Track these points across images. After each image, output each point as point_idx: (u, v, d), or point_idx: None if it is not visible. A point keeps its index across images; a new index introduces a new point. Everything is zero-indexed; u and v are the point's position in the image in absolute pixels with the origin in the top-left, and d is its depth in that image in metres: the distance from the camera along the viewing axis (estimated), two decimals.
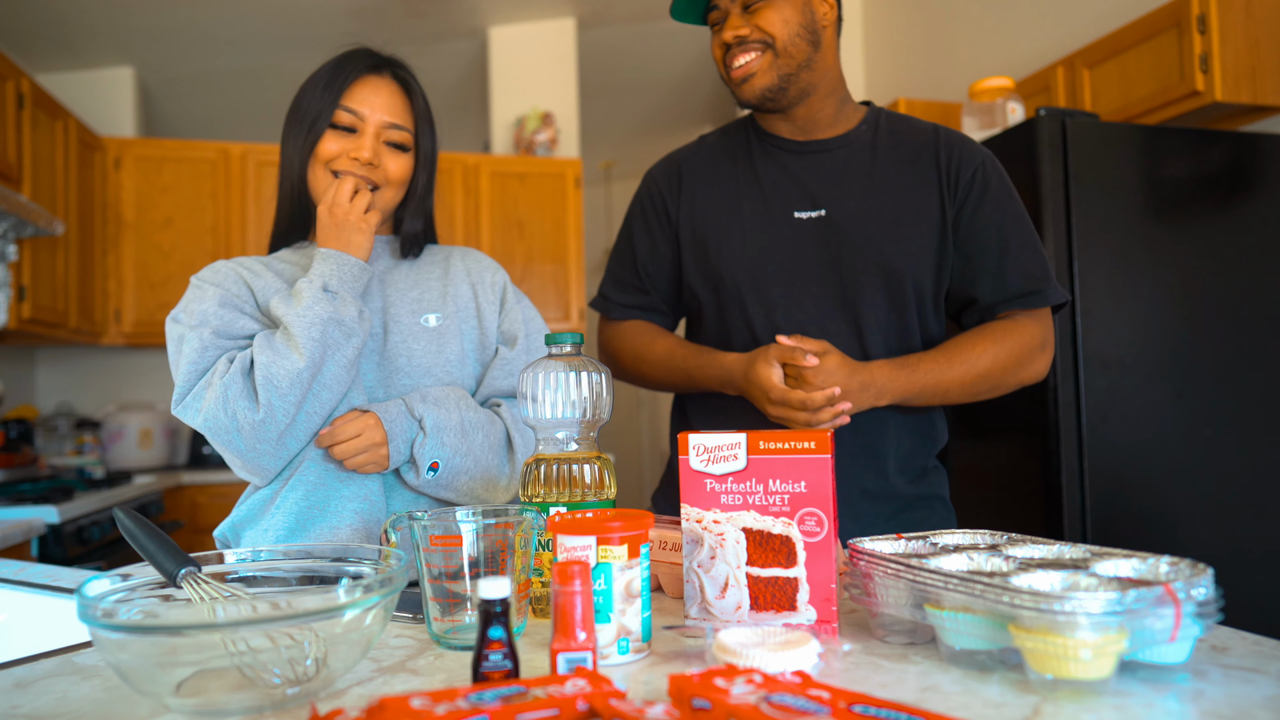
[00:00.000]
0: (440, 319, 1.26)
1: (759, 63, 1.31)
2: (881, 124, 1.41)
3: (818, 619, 0.82)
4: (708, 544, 0.84)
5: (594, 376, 0.99)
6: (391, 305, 1.26)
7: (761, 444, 0.84)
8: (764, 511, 0.83)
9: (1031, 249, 1.35)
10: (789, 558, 0.82)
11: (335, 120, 1.23)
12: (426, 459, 1.15)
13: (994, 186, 1.35)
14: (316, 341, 1.09)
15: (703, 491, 0.85)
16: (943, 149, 1.36)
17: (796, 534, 0.82)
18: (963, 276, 1.35)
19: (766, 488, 0.83)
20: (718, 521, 0.84)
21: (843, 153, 1.38)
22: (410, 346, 1.23)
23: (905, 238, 1.33)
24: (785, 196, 1.37)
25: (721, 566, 0.84)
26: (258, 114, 4.98)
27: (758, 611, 0.83)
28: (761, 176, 1.40)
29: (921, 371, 1.27)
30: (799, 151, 1.39)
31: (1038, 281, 1.34)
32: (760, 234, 1.36)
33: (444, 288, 1.29)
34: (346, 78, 1.23)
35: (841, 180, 1.36)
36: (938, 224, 1.34)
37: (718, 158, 1.45)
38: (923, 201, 1.34)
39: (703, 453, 0.85)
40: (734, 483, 0.84)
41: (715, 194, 1.42)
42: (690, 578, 0.85)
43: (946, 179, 1.35)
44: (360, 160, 1.22)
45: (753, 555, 0.83)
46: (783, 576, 0.82)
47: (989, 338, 1.32)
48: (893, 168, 1.36)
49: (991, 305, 1.35)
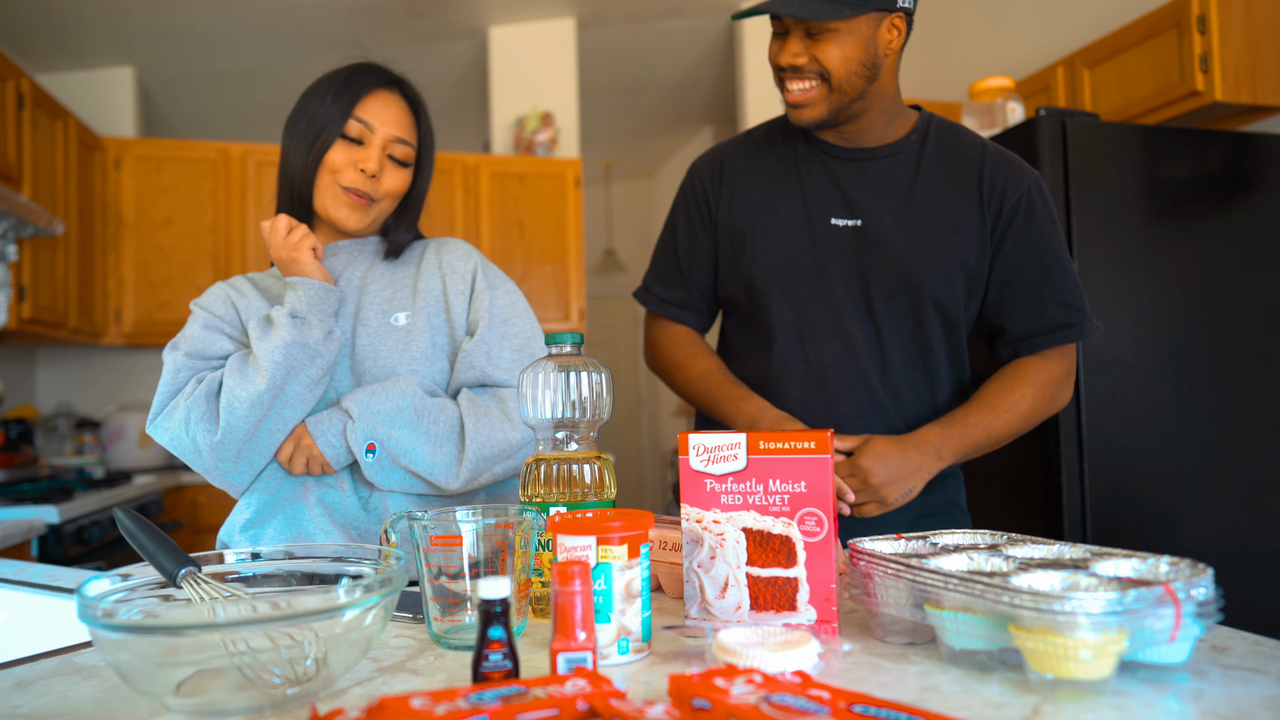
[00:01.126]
0: (409, 316, 1.28)
1: (813, 94, 1.27)
2: (931, 134, 1.37)
3: (818, 619, 0.82)
4: (708, 544, 0.84)
5: (594, 376, 0.99)
6: (363, 309, 1.28)
7: (761, 444, 0.84)
8: (764, 511, 0.83)
9: (1070, 281, 1.33)
10: (789, 558, 0.82)
11: (345, 131, 1.26)
12: (360, 442, 1.18)
13: (1038, 214, 1.32)
14: (279, 365, 1.15)
15: (703, 491, 0.85)
16: (988, 169, 1.33)
17: (796, 534, 0.82)
18: (999, 303, 1.34)
19: (766, 488, 0.83)
20: (718, 521, 0.84)
21: (887, 163, 1.35)
22: (377, 347, 1.25)
23: (937, 257, 1.31)
24: (825, 202, 1.35)
25: (721, 566, 0.84)
26: (258, 114, 4.98)
27: (758, 611, 0.83)
28: (804, 178, 1.38)
29: (972, 426, 1.27)
30: (844, 158, 1.37)
31: (1075, 315, 1.32)
32: (794, 238, 1.35)
33: (415, 284, 1.31)
34: (359, 90, 1.26)
35: (883, 191, 1.34)
36: (975, 246, 1.32)
37: (762, 154, 1.43)
38: (961, 221, 1.32)
39: (703, 452, 0.85)
40: (734, 483, 0.84)
41: (755, 191, 1.41)
42: (690, 578, 0.85)
43: (989, 202, 1.32)
44: (366, 172, 1.25)
45: (753, 555, 0.83)
46: (783, 576, 0.83)
47: (1024, 380, 1.31)
48: (935, 183, 1.33)
49: (1028, 336, 1.33)
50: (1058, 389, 1.34)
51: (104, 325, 3.79)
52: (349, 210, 1.28)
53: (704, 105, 5.61)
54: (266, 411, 1.16)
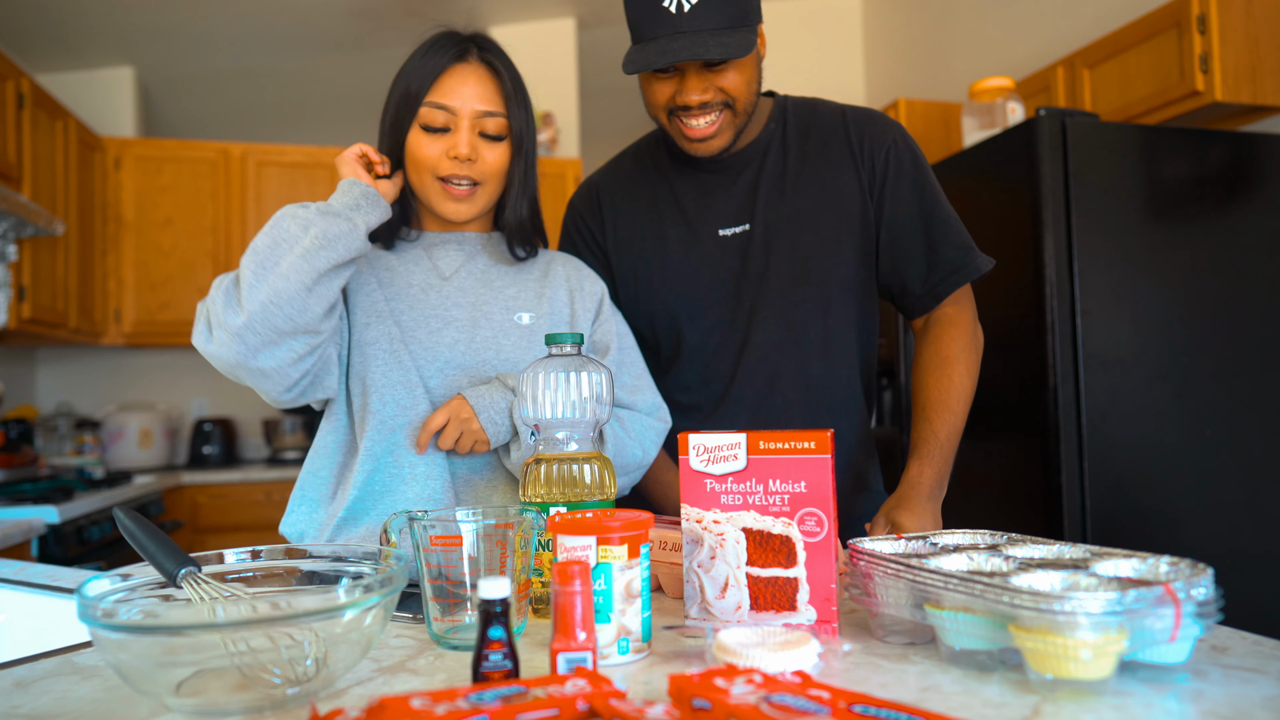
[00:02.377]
0: (533, 318, 1.25)
1: (719, 123, 1.26)
2: (789, 116, 1.37)
3: (818, 619, 0.82)
4: (708, 544, 0.84)
5: (594, 376, 0.99)
6: (485, 301, 1.24)
7: (761, 444, 0.84)
8: (764, 511, 0.83)
9: (955, 222, 1.34)
10: (789, 558, 0.83)
11: (427, 122, 1.20)
12: (529, 423, 1.10)
13: (907, 164, 1.33)
14: (268, 233, 1.07)
15: (703, 491, 0.85)
16: (853, 133, 1.34)
17: (796, 534, 0.83)
18: (894, 259, 1.34)
19: (766, 488, 0.83)
20: (718, 521, 0.84)
21: (756, 160, 1.35)
22: (500, 342, 1.22)
23: (828, 237, 1.32)
24: (708, 216, 1.35)
25: (721, 566, 0.84)
26: (258, 114, 4.98)
27: (758, 611, 0.83)
28: (681, 199, 1.37)
29: (944, 439, 1.27)
30: (714, 169, 1.36)
31: (967, 254, 1.33)
32: (687, 257, 1.35)
33: (541, 289, 1.28)
34: (431, 72, 1.20)
35: (759, 189, 1.34)
36: (858, 212, 1.33)
37: (635, 181, 1.43)
38: (841, 191, 1.33)
39: (703, 453, 0.85)
40: (734, 483, 0.84)
41: (638, 222, 1.40)
42: (690, 578, 0.86)
43: (861, 163, 1.33)
44: (460, 158, 1.19)
45: (753, 555, 0.83)
46: (783, 576, 0.83)
47: (949, 360, 1.31)
48: (806, 163, 1.34)
49: (931, 286, 1.33)
50: (976, 343, 1.35)
51: (104, 325, 3.79)
52: (454, 203, 1.22)
53: None
54: (260, 277, 1.05)
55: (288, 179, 4.03)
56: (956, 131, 3.18)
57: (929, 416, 1.29)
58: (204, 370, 4.32)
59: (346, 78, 4.58)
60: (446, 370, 1.20)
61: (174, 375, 4.23)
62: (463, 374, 1.20)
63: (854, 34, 4.16)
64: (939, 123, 3.24)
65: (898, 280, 1.36)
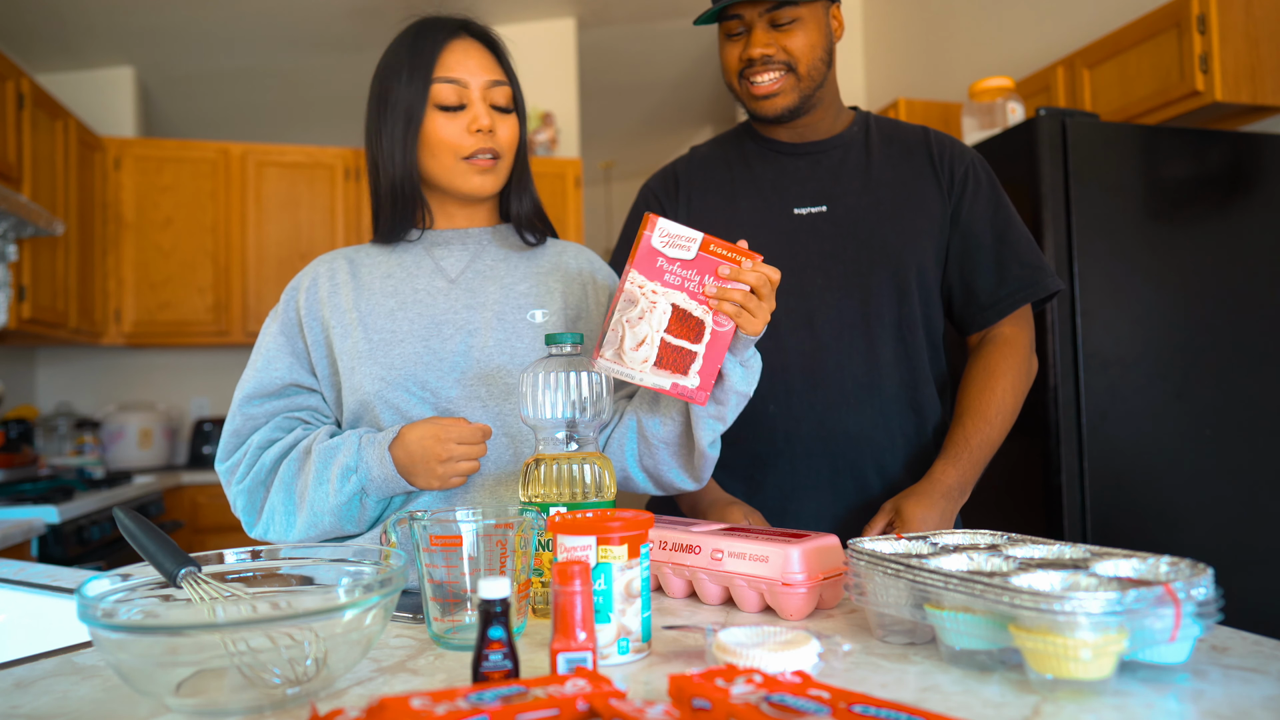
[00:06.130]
0: (546, 314, 1.22)
1: (782, 83, 1.31)
2: (872, 125, 1.43)
3: (698, 386, 1.01)
4: (641, 305, 1.00)
5: (594, 376, 0.99)
6: (495, 301, 1.21)
7: (713, 247, 1.00)
8: (693, 296, 1.00)
9: (1027, 242, 1.37)
10: (698, 336, 1.01)
11: (441, 100, 1.17)
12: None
13: (985, 183, 1.38)
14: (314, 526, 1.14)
15: (653, 265, 1.00)
16: (934, 146, 1.39)
17: (710, 322, 1.00)
18: (962, 269, 1.36)
19: (701, 280, 1.00)
20: (655, 292, 1.00)
21: (838, 152, 1.39)
22: (513, 344, 1.18)
23: (907, 228, 1.34)
24: (785, 195, 1.38)
25: (644, 326, 1.00)
26: (258, 114, 4.98)
27: (659, 368, 1.01)
28: (759, 178, 1.40)
29: (975, 447, 1.28)
30: (795, 153, 1.40)
31: (1037, 272, 1.35)
32: (759, 230, 1.36)
33: (552, 282, 1.25)
34: (432, 52, 1.17)
35: (840, 177, 1.37)
36: (938, 215, 1.36)
37: (713, 165, 1.45)
38: (921, 194, 1.36)
39: (664, 235, 1.00)
40: (680, 268, 1.00)
41: (712, 197, 1.42)
42: (617, 328, 1.00)
43: (941, 172, 1.37)
44: (483, 129, 1.16)
45: (672, 326, 1.01)
46: (687, 348, 1.01)
47: (997, 374, 1.32)
48: (888, 163, 1.38)
49: (996, 299, 1.35)
50: (1028, 367, 1.37)
51: (104, 325, 3.79)
52: (481, 177, 1.19)
53: (704, 105, 5.61)
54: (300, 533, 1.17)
55: (288, 179, 4.02)
56: (956, 132, 3.17)
57: (963, 422, 1.31)
58: (204, 370, 4.33)
59: (346, 78, 4.58)
60: (464, 380, 1.17)
61: (174, 375, 4.23)
62: (479, 381, 1.17)
63: (854, 34, 4.16)
64: (939, 123, 3.24)
65: (964, 288, 1.37)
